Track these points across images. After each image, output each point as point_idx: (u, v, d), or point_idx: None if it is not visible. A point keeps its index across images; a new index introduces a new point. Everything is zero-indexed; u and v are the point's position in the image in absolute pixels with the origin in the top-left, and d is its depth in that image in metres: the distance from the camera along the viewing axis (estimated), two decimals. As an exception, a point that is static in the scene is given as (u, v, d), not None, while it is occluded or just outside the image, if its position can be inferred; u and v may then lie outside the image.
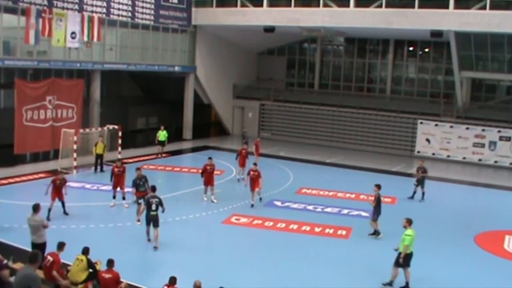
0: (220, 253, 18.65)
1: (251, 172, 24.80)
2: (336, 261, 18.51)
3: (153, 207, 18.68)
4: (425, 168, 28.31)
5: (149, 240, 19.01)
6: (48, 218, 20.21)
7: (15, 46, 31.17)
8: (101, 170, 29.98)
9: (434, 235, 21.92)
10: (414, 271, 17.86)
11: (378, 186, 21.19)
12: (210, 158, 26.21)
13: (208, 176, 25.13)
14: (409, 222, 16.76)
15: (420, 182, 27.90)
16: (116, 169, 23.84)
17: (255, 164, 25.81)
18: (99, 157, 29.92)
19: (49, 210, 20.84)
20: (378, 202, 21.13)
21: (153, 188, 19.43)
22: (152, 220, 18.72)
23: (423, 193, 27.79)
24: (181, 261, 17.72)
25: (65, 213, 21.70)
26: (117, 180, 23.69)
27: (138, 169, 22.93)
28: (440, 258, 19.19)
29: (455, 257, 19.52)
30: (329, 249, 19.67)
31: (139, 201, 21.45)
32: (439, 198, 29.55)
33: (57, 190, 21.44)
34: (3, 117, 32.32)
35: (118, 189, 23.64)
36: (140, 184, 21.95)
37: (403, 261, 16.24)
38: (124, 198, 23.69)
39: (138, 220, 20.87)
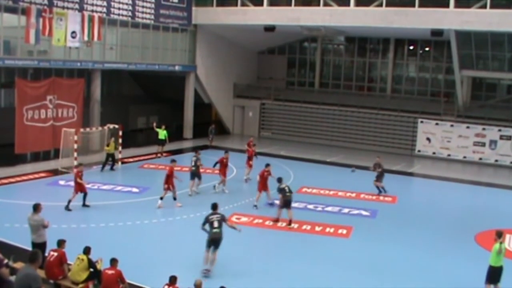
0: (220, 253, 18.61)
1: (265, 173, 24.99)
2: (336, 260, 18.50)
3: (215, 224, 16.76)
4: (381, 164, 28.33)
5: (205, 270, 16.46)
6: (68, 208, 21.94)
7: (16, 45, 31.19)
8: (111, 169, 29.99)
9: (434, 234, 21.97)
10: (413, 269, 17.93)
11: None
12: (226, 152, 28.27)
13: (224, 168, 26.99)
14: (498, 234, 15.55)
15: (379, 178, 27.91)
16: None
17: (268, 164, 25.94)
18: (110, 156, 29.98)
19: (69, 201, 22.11)
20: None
21: (214, 206, 17.48)
22: (214, 240, 16.63)
23: (383, 188, 27.90)
24: (182, 260, 17.70)
25: (85, 205, 22.68)
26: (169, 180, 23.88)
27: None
28: (441, 257, 19.18)
29: (455, 256, 19.51)
30: (330, 248, 19.67)
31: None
32: (440, 197, 29.58)
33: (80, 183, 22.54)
34: (3, 117, 32.33)
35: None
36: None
37: (488, 275, 15.56)
38: (175, 199, 23.95)
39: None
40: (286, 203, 21.80)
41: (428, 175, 34.27)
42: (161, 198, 23.52)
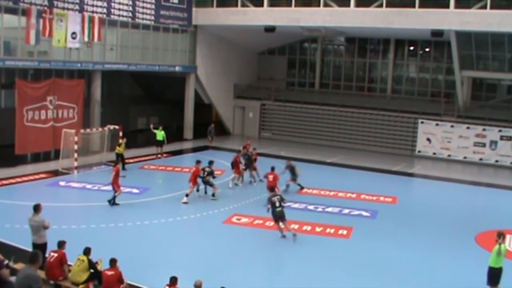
0: (221, 253, 18.65)
1: (269, 176, 25.54)
2: (337, 261, 18.51)
3: (277, 203, 20.25)
4: (293, 165, 28.44)
5: (283, 236, 20.19)
6: (115, 203, 23.21)
7: (16, 46, 31.19)
8: (123, 168, 29.99)
9: (435, 234, 21.96)
10: (414, 269, 17.93)
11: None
12: (239, 152, 29.41)
13: (237, 166, 28.26)
14: (498, 235, 15.47)
15: (294, 179, 28.08)
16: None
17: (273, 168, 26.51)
18: (120, 156, 29.96)
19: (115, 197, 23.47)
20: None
21: (272, 189, 23.04)
22: (279, 216, 20.18)
23: (299, 184, 28.21)
24: (182, 261, 17.73)
25: (115, 203, 23.24)
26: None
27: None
28: (441, 257, 19.17)
29: (456, 256, 19.50)
30: (330, 249, 19.66)
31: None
32: (440, 197, 29.58)
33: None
34: (4, 118, 32.35)
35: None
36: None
37: (489, 277, 15.53)
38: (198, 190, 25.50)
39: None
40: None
41: (428, 175, 34.27)
42: (187, 195, 24.44)
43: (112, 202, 23.21)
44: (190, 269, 16.32)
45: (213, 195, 25.55)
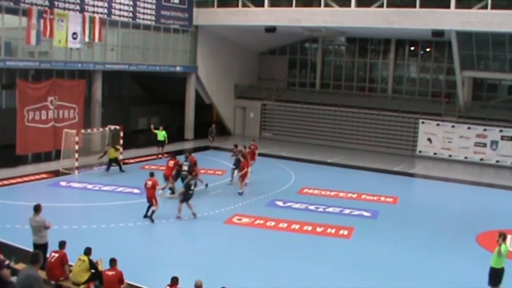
0: (221, 253, 18.65)
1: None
2: (337, 261, 18.51)
3: (192, 186, 22.11)
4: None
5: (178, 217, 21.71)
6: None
7: (17, 46, 31.19)
8: (121, 170, 30.07)
9: (435, 235, 21.97)
10: (414, 270, 17.93)
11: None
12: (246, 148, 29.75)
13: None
14: (500, 236, 15.49)
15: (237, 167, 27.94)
16: None
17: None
18: (113, 160, 29.81)
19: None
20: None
21: None
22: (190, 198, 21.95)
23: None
24: (183, 261, 17.74)
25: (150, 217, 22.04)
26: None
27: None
28: (442, 258, 19.16)
29: (456, 257, 19.50)
30: (331, 249, 19.66)
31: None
32: (441, 197, 29.56)
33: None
34: (4, 118, 32.36)
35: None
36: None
37: (490, 277, 15.53)
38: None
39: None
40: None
41: (429, 175, 34.27)
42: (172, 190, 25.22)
43: (150, 215, 21.56)
44: (191, 269, 16.33)
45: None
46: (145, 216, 21.43)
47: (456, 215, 25.75)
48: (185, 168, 25.15)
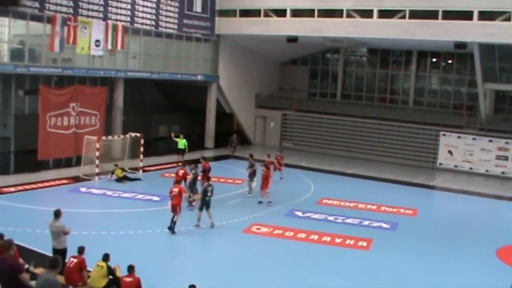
0: (239, 262, 18.64)
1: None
2: (356, 272, 18.39)
3: (209, 193, 21.93)
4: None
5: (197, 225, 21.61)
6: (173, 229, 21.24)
7: (41, 53, 31.57)
8: (132, 179, 30.09)
9: (455, 248, 21.79)
10: (434, 283, 17.78)
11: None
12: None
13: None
14: None
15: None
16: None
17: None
18: (122, 178, 29.76)
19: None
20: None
21: None
22: (208, 205, 21.95)
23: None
24: (201, 269, 17.74)
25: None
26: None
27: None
28: (462, 271, 19.02)
29: (476, 271, 19.30)
30: (349, 260, 19.55)
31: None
32: (461, 210, 29.36)
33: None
34: (27, 123, 32.64)
35: None
36: None
37: None
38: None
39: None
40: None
41: (449, 188, 34.00)
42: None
43: (173, 227, 21.02)
44: (208, 278, 16.33)
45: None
46: (169, 228, 20.95)
47: (477, 228, 25.52)
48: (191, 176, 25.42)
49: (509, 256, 21.09)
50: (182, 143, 34.45)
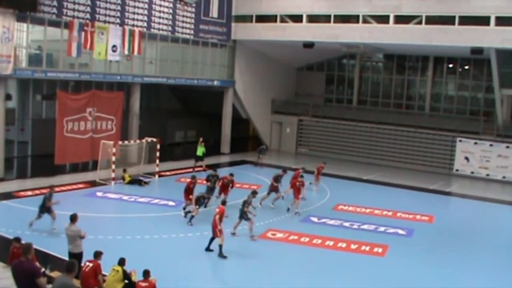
0: (255, 268, 18.63)
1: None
2: (371, 279, 18.33)
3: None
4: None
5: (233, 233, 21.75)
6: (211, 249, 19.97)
7: (58, 58, 31.77)
8: (140, 184, 30.13)
9: (472, 255, 21.66)
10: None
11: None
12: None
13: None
14: None
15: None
16: None
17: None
18: (130, 182, 30.01)
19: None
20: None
21: None
22: (240, 215, 21.95)
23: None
24: (216, 274, 17.77)
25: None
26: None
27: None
28: (478, 279, 18.90)
29: (493, 279, 19.18)
30: (365, 266, 19.50)
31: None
32: (478, 217, 29.20)
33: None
34: (44, 128, 32.88)
35: None
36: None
37: None
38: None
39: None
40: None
41: (466, 194, 33.79)
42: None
43: (220, 252, 19.42)
44: (224, 283, 16.36)
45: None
46: (207, 249, 19.78)
47: (493, 235, 25.33)
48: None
49: (526, 264, 20.96)
50: (200, 150, 34.54)
